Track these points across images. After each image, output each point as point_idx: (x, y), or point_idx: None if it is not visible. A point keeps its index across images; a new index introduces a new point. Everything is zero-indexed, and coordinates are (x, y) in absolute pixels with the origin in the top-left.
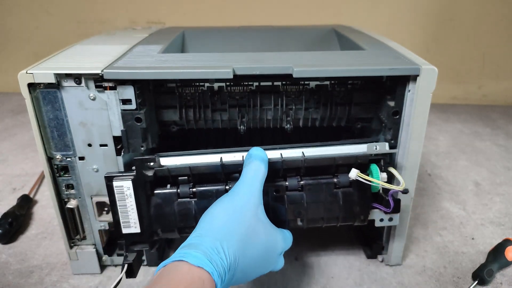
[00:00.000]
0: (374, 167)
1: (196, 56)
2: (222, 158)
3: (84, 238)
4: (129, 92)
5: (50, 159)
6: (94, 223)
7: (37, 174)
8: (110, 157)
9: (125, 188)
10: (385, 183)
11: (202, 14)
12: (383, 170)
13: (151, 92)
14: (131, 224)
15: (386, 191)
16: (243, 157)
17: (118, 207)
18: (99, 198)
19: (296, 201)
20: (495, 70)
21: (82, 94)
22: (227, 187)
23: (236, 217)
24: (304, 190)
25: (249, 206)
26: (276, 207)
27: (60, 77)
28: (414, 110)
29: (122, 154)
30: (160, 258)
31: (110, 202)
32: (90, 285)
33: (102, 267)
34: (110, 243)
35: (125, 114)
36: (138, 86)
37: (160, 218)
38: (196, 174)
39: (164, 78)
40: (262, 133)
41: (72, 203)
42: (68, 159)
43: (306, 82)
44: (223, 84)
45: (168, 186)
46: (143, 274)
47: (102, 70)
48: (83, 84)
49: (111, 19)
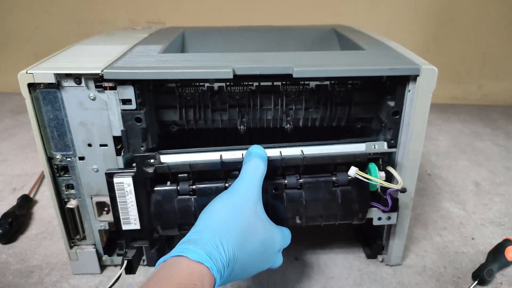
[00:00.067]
0: (373, 166)
1: (196, 56)
2: (222, 155)
3: (84, 238)
4: (129, 92)
5: (50, 159)
6: (94, 223)
7: (37, 174)
8: (110, 157)
9: (125, 184)
10: (383, 182)
11: (202, 14)
12: (382, 169)
13: (151, 92)
14: (131, 220)
15: (384, 190)
16: (243, 154)
17: (118, 204)
18: (99, 198)
19: (295, 199)
20: (495, 70)
21: (82, 94)
22: (227, 185)
23: (235, 213)
24: (303, 188)
25: (248, 203)
26: (275, 205)
27: (60, 77)
28: (414, 110)
29: (122, 154)
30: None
31: (110, 199)
32: (90, 285)
33: (102, 267)
34: (110, 243)
35: (125, 114)
36: (138, 86)
37: (160, 214)
38: (196, 172)
39: (164, 78)
40: (262, 133)
41: (72, 203)
42: (68, 159)
43: (306, 82)
44: (223, 84)
45: (168, 183)
46: (143, 274)
47: (102, 70)
48: (83, 84)
49: (111, 19)
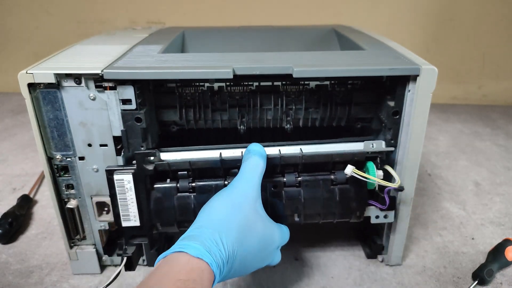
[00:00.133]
0: (371, 165)
1: (196, 56)
2: (221, 153)
3: (84, 238)
4: (129, 92)
5: (50, 159)
6: (94, 223)
7: (37, 174)
8: (110, 157)
9: (125, 181)
10: (380, 180)
11: (202, 14)
12: (379, 167)
13: (151, 92)
14: (131, 217)
15: (382, 188)
16: (242, 152)
17: (119, 201)
18: (99, 198)
19: (293, 196)
20: (495, 70)
21: (82, 94)
22: (226, 182)
23: (234, 210)
24: (301, 186)
25: (247, 200)
26: (274, 203)
27: (60, 77)
28: (414, 110)
29: (122, 154)
30: None
31: (110, 196)
32: (90, 285)
33: (102, 267)
34: (110, 243)
35: (125, 114)
36: (138, 86)
37: (159, 211)
38: (195, 169)
39: (164, 78)
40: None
41: (72, 203)
42: (68, 159)
43: (306, 82)
44: (223, 84)
45: (168, 180)
46: (143, 275)
47: (102, 70)
48: (83, 84)
49: (111, 19)
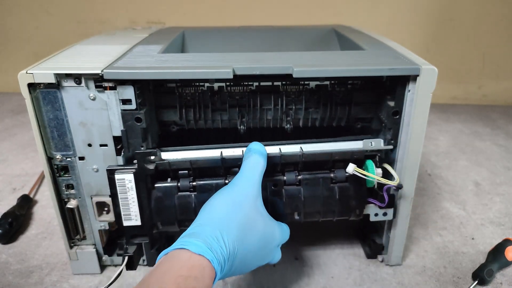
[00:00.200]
0: (370, 163)
1: (196, 56)
2: (222, 152)
3: (84, 238)
4: (129, 92)
5: (50, 159)
6: (94, 223)
7: (37, 174)
8: (110, 157)
9: (126, 181)
10: (380, 178)
11: (202, 14)
12: (378, 166)
13: (151, 92)
14: (132, 216)
15: (381, 186)
16: (243, 151)
17: (120, 200)
18: (99, 198)
19: (293, 195)
20: (495, 70)
21: (82, 94)
22: (227, 181)
23: (235, 208)
24: (301, 185)
25: (248, 198)
26: (274, 201)
27: (60, 77)
28: (414, 110)
29: (122, 154)
30: None
31: (111, 195)
32: (90, 285)
33: (102, 267)
34: (110, 243)
35: (125, 114)
36: (138, 86)
37: (160, 211)
38: (196, 168)
39: (164, 78)
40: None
41: (72, 203)
42: (68, 159)
43: (306, 82)
44: (223, 84)
45: (168, 179)
46: (144, 274)
47: (102, 70)
48: (83, 84)
49: (111, 19)
